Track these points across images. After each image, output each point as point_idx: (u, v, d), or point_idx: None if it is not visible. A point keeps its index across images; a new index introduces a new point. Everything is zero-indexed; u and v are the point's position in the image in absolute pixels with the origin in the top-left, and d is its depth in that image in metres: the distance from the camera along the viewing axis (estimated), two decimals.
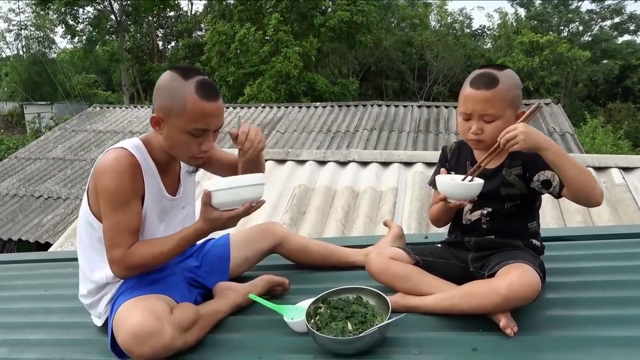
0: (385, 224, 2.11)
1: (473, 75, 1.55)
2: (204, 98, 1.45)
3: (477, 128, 1.53)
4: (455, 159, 1.72)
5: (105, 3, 22.34)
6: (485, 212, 1.62)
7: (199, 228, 1.50)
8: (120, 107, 12.42)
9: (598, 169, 3.93)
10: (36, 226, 7.71)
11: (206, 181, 1.49)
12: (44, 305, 1.98)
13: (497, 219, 1.61)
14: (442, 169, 1.62)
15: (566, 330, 1.40)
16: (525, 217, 1.61)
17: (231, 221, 1.49)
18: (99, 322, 1.67)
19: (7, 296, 2.14)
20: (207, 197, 1.44)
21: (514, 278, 1.36)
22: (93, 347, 1.61)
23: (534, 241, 1.62)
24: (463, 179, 1.52)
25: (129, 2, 22.65)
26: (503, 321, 1.38)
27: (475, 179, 1.52)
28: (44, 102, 22.15)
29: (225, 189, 1.43)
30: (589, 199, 1.44)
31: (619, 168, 3.95)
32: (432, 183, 1.72)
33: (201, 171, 1.87)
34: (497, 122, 1.51)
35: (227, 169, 1.82)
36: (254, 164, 1.67)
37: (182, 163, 1.71)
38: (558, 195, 1.52)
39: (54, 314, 1.90)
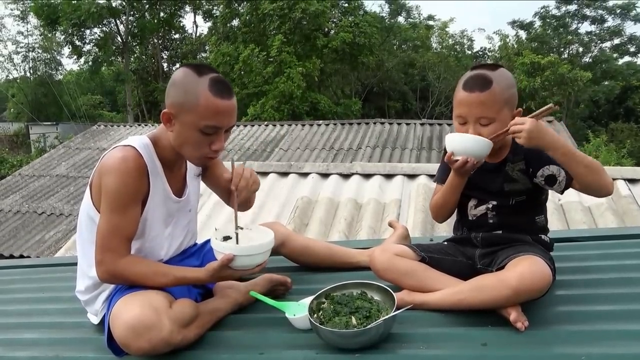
0: (390, 225, 2.07)
1: (466, 78, 1.51)
2: (218, 95, 1.43)
3: (474, 132, 1.48)
4: None
5: (112, 24, 22.72)
6: (490, 206, 1.58)
7: (201, 279, 1.49)
8: (125, 126, 12.51)
9: None
10: (38, 242, 7.67)
11: (215, 240, 1.47)
12: (40, 307, 1.95)
13: (504, 214, 1.57)
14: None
15: (579, 325, 1.36)
16: (532, 211, 1.58)
17: (240, 278, 1.56)
18: (95, 320, 1.63)
19: (5, 298, 2.11)
20: (229, 261, 1.41)
21: (524, 269, 1.32)
22: (89, 346, 1.57)
23: (543, 236, 1.59)
24: None
25: (134, 23, 23.04)
26: (513, 315, 1.34)
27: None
28: (49, 123, 22.33)
29: (250, 254, 1.45)
30: (599, 191, 1.43)
31: (625, 180, 3.92)
32: (437, 179, 1.71)
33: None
34: (494, 125, 1.47)
35: (221, 190, 1.79)
36: (244, 202, 1.68)
37: (188, 164, 1.68)
38: (563, 191, 1.49)
39: (50, 314, 1.87)
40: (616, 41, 23.88)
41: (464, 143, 1.45)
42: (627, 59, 24.59)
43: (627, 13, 22.57)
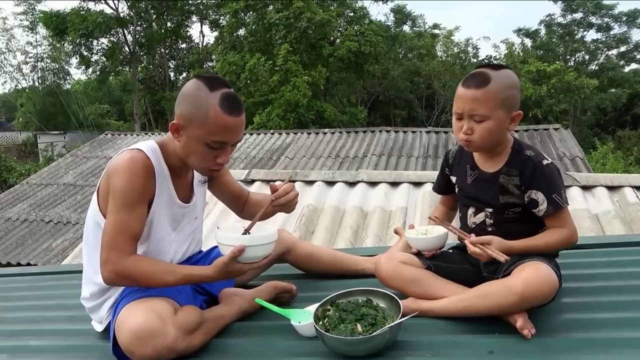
0: (396, 232, 2.06)
1: (467, 75, 1.54)
2: (227, 112, 1.43)
3: (467, 128, 1.50)
4: (457, 163, 1.72)
5: (119, 34, 22.97)
6: (488, 212, 1.59)
7: (209, 276, 1.46)
8: (132, 135, 12.59)
9: (611, 187, 3.88)
10: (45, 251, 7.70)
11: (219, 232, 1.46)
12: (46, 314, 1.96)
13: (502, 222, 1.57)
14: (410, 224, 1.71)
15: (586, 333, 1.35)
16: (534, 223, 1.55)
17: (250, 273, 1.53)
18: (99, 327, 1.63)
19: (12, 306, 2.12)
20: (240, 253, 1.40)
21: (530, 275, 1.32)
22: (93, 353, 1.57)
23: None
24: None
25: (142, 33, 23.28)
26: (520, 322, 1.33)
27: (440, 228, 1.62)
28: (57, 132, 22.54)
29: (259, 244, 1.44)
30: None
31: (632, 187, 3.89)
32: (435, 188, 1.81)
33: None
34: (487, 123, 1.48)
35: (229, 198, 1.83)
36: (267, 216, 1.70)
37: (194, 171, 1.69)
38: (542, 218, 1.53)
39: (56, 322, 1.87)
40: (622, 49, 23.82)
41: (425, 244, 1.60)
42: (633, 66, 24.54)
43: (633, 20, 22.53)
